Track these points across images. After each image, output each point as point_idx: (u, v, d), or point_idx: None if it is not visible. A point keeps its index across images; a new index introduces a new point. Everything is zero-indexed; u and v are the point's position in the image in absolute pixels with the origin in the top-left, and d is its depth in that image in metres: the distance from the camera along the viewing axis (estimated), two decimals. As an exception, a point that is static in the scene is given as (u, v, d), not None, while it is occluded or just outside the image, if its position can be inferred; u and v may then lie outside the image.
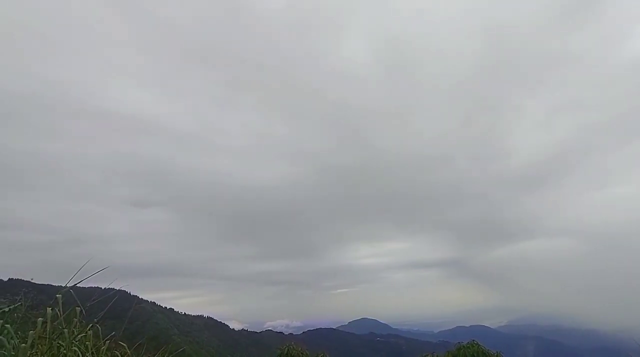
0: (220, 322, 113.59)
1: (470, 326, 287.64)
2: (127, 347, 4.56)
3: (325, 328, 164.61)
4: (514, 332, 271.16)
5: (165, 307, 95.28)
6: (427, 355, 11.80)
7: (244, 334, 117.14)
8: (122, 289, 5.23)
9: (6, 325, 3.95)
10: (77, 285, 4.29)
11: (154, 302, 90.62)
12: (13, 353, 3.69)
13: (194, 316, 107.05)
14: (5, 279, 44.29)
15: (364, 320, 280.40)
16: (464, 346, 10.95)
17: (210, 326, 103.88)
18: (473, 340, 11.31)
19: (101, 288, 5.01)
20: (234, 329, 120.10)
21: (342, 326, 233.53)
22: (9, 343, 3.79)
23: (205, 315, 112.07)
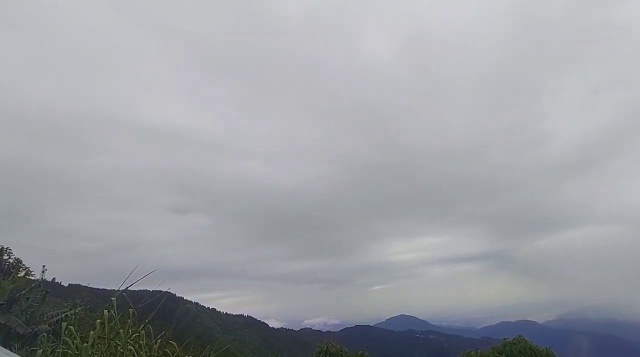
0: (260, 320, 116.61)
1: (516, 321, 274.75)
2: (176, 346, 4.83)
3: (363, 325, 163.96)
4: (564, 327, 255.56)
5: (208, 308, 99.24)
6: (470, 352, 11.38)
7: (283, 332, 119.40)
8: (169, 291, 5.55)
9: (69, 326, 4.33)
10: (129, 288, 4.61)
11: (198, 303, 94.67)
12: (77, 352, 4.05)
13: (235, 315, 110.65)
14: (66, 284, 48.25)
15: (401, 317, 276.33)
16: (509, 342, 10.45)
17: (250, 324, 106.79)
18: (519, 336, 10.80)
19: (150, 291, 5.33)
20: (273, 327, 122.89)
21: (379, 323, 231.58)
22: (72, 343, 4.17)
23: (246, 314, 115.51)
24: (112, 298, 4.35)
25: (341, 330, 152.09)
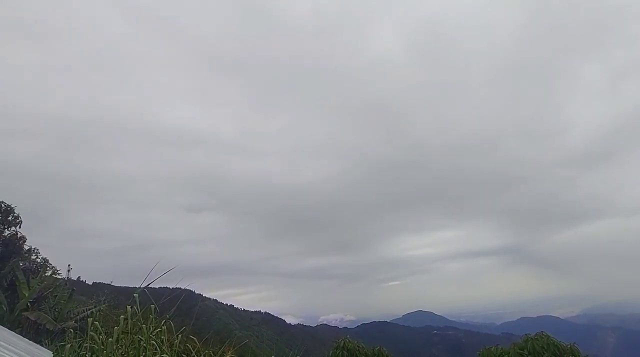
0: (277, 317, 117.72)
1: (537, 316, 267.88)
2: (196, 341, 4.94)
3: (380, 321, 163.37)
4: (588, 322, 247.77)
5: (226, 304, 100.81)
6: (491, 347, 11.14)
7: (300, 329, 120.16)
8: (188, 288, 5.67)
9: (95, 322, 4.49)
10: (150, 286, 4.74)
11: (216, 300, 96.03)
12: (102, 347, 4.19)
13: (252, 311, 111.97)
14: (90, 282, 50.10)
15: (418, 313, 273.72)
16: (531, 338, 10.14)
17: (267, 320, 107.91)
18: (541, 331, 10.49)
19: (169, 288, 5.46)
20: (290, 323, 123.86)
21: (396, 319, 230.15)
22: (98, 338, 4.32)
23: (263, 310, 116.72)
24: (134, 295, 4.48)
25: (357, 326, 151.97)
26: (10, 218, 12.79)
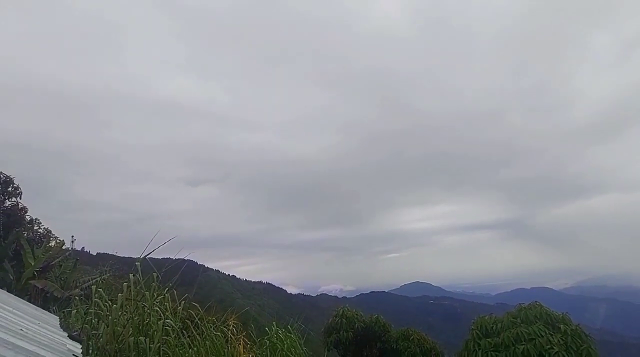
0: (278, 287, 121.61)
1: (531, 288, 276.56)
2: (199, 308, 5.08)
3: (378, 291, 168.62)
4: (581, 294, 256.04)
5: (229, 275, 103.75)
6: (485, 316, 11.49)
7: (300, 298, 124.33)
8: (190, 259, 5.74)
9: (99, 289, 4.60)
10: (153, 256, 4.80)
11: (218, 270, 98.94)
12: (107, 313, 4.30)
13: (254, 282, 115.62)
14: (94, 253, 51.21)
15: (416, 284, 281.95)
16: (525, 307, 10.45)
17: (269, 290, 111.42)
18: (535, 301, 10.77)
19: (172, 258, 5.53)
20: (291, 293, 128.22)
21: (394, 289, 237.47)
22: (103, 305, 4.42)
23: (264, 281, 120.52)
24: (136, 263, 4.53)
25: (356, 296, 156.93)
26: (10, 189, 12.82)
